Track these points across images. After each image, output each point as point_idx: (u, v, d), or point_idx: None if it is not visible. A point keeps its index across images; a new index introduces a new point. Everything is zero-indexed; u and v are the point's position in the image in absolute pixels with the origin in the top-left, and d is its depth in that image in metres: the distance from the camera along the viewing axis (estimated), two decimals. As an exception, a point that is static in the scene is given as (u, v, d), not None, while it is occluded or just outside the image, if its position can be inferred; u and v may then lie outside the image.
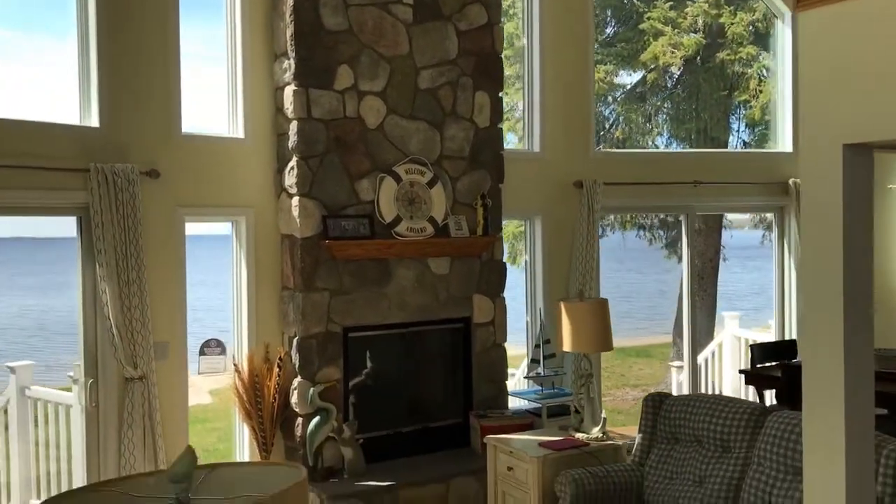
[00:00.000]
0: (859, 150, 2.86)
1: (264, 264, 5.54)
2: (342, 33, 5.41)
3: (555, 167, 6.60)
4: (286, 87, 5.36)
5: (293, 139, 5.30)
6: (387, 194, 5.54)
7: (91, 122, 4.97)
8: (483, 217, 5.88)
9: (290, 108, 5.32)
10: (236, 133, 5.49)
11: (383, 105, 5.57)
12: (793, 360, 6.14)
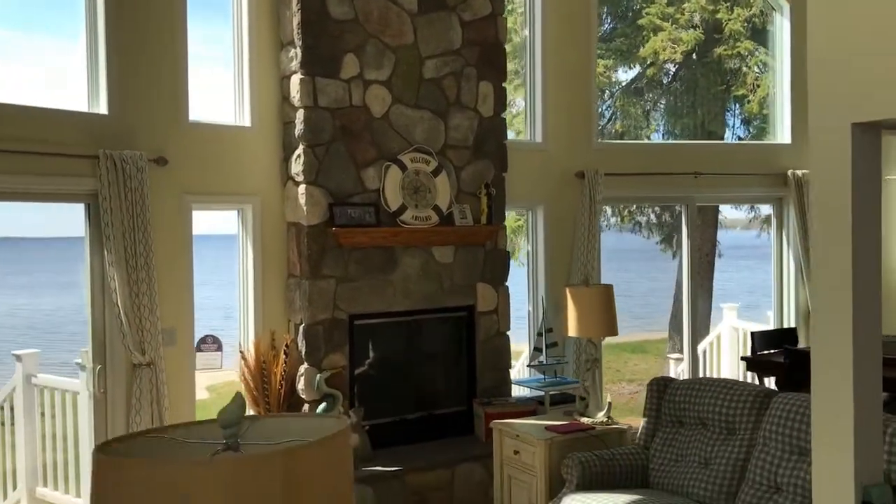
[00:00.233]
0: (868, 129, 2.91)
1: (270, 252, 5.57)
2: (348, 22, 5.45)
3: (557, 158, 6.65)
4: (292, 76, 5.40)
5: (299, 127, 5.34)
6: (392, 183, 5.58)
7: (100, 109, 4.99)
8: (487, 206, 5.93)
9: (296, 97, 5.36)
10: (243, 121, 5.52)
11: (388, 94, 5.61)
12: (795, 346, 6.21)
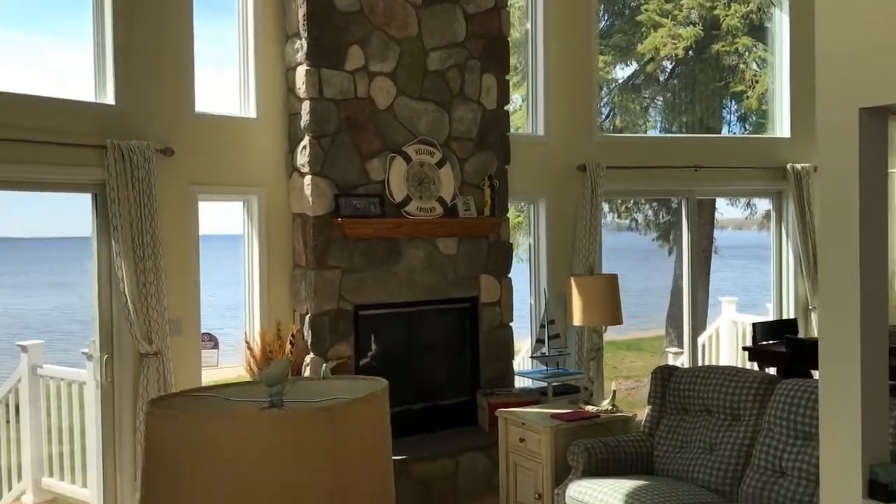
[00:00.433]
0: (876, 114, 2.95)
1: (275, 243, 5.60)
2: (353, 14, 5.48)
3: (559, 151, 6.70)
4: (298, 68, 5.43)
5: (305, 118, 5.37)
6: (397, 174, 5.61)
7: (107, 99, 5.01)
8: (490, 198, 5.97)
9: (301, 88, 5.38)
10: (248, 113, 5.55)
11: (393, 86, 5.65)
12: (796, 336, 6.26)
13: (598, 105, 7.33)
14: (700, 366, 5.67)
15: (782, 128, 7.56)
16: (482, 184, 5.98)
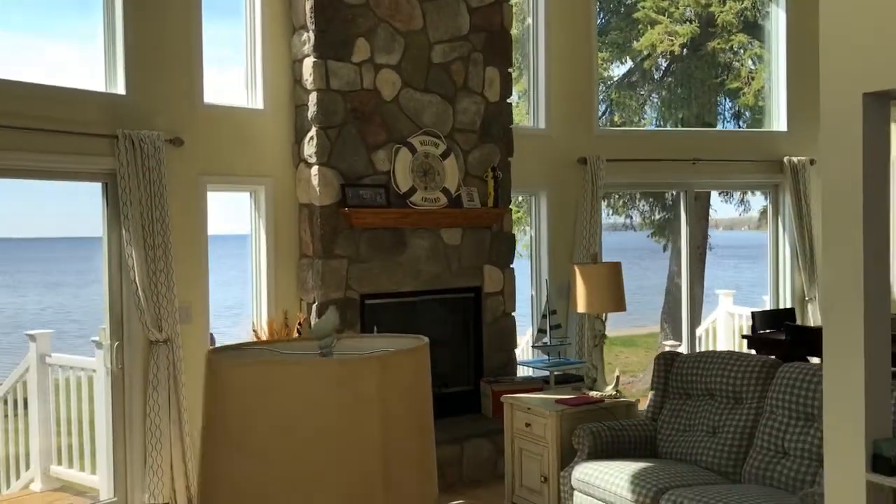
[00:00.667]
0: (879, 99, 3.04)
1: (282, 233, 5.67)
2: (359, 7, 5.55)
3: (559, 144, 6.79)
4: (305, 59, 5.50)
5: (312, 110, 5.44)
6: (402, 165, 5.69)
7: (117, 89, 5.07)
8: (494, 189, 6.05)
9: (309, 80, 5.46)
10: (255, 104, 5.61)
11: (398, 78, 5.72)
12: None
13: (598, 100, 7.41)
14: (702, 352, 5.75)
15: (779, 121, 7.67)
16: (485, 175, 6.06)
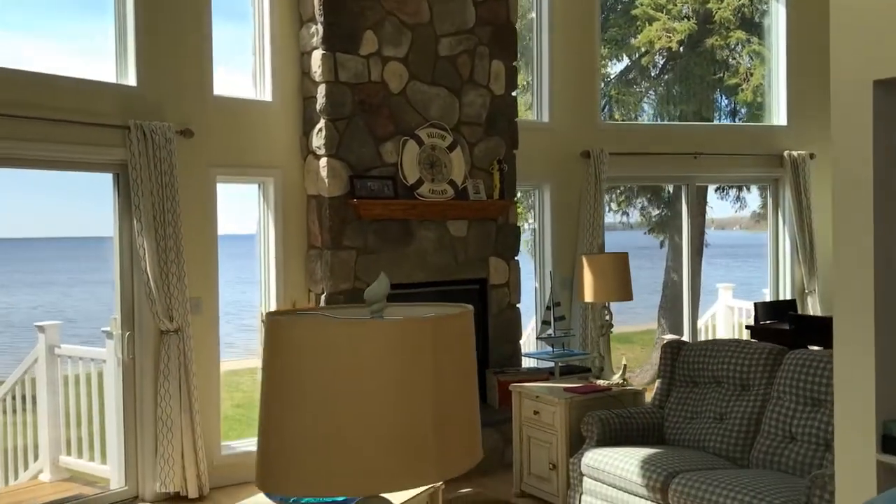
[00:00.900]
0: (890, 86, 3.10)
1: (290, 225, 5.70)
2: (367, 0, 5.60)
3: (563, 137, 6.85)
4: (314, 52, 5.54)
5: (321, 101, 5.48)
6: (410, 157, 5.73)
7: (128, 80, 5.10)
8: (499, 181, 6.10)
9: (317, 72, 5.50)
10: (264, 96, 5.65)
11: (405, 71, 5.77)
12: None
13: (600, 94, 7.47)
14: (708, 340, 5.82)
15: (779, 116, 7.74)
16: (491, 168, 6.12)
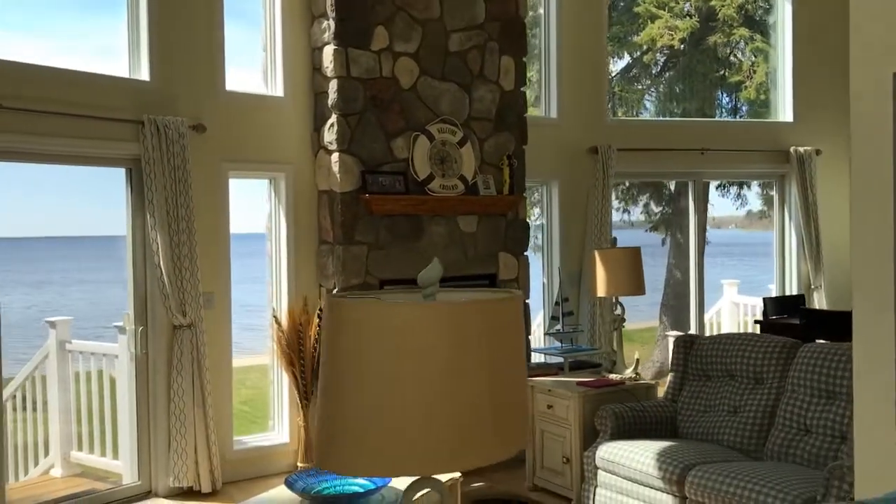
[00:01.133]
0: (909, 77, 3.11)
1: (301, 220, 5.71)
2: (378, -5, 5.61)
3: (571, 133, 6.86)
4: (325, 47, 5.55)
5: (333, 97, 5.49)
6: (420, 152, 5.74)
7: (141, 75, 5.10)
8: (509, 177, 6.12)
9: (329, 67, 5.50)
10: (275, 91, 5.66)
11: (416, 66, 5.78)
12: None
13: (608, 90, 7.49)
14: (721, 334, 5.84)
15: (785, 112, 7.77)
16: (501, 163, 6.13)
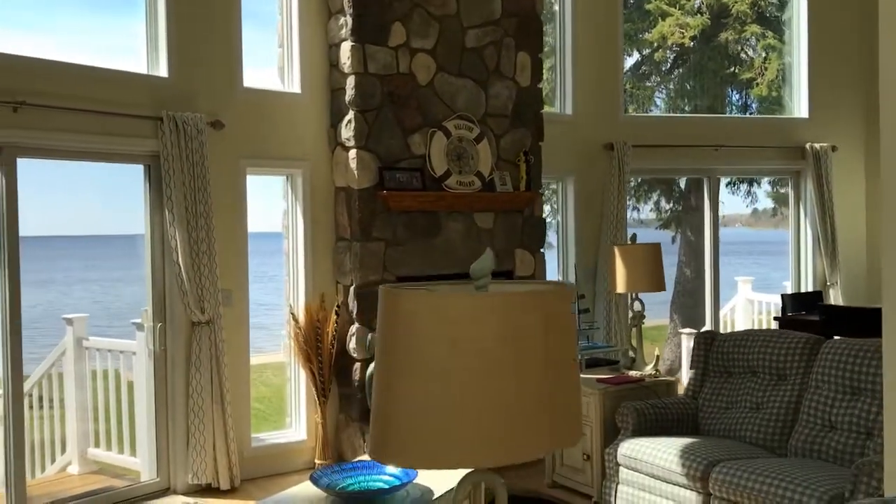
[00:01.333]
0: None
1: (318, 217, 5.70)
2: (395, -9, 5.59)
3: (586, 130, 6.84)
4: (342, 44, 5.53)
5: (350, 93, 5.47)
6: (437, 148, 5.73)
7: (160, 72, 5.09)
8: (525, 173, 6.10)
9: (346, 64, 5.49)
10: (292, 88, 5.65)
11: (433, 62, 5.76)
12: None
13: (623, 87, 7.46)
14: (742, 330, 5.82)
15: (800, 108, 7.74)
16: (517, 160, 6.11)
